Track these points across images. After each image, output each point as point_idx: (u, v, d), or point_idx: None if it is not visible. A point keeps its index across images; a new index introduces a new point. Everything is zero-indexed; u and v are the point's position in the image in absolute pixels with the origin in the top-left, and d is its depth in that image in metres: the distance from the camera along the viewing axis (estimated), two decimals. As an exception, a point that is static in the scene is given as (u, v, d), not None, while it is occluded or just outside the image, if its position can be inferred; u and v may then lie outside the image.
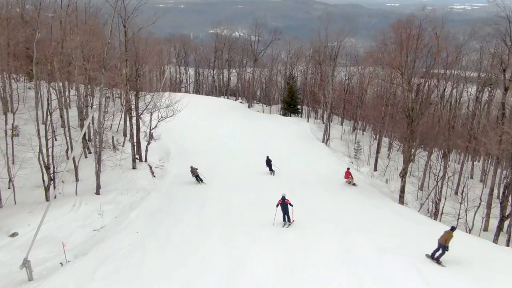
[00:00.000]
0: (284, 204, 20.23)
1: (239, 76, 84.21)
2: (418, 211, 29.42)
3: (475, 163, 44.58)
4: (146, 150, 30.59)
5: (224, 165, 33.26)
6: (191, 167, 28.83)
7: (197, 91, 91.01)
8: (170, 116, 30.78)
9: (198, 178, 28.58)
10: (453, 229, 16.51)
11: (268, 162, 31.84)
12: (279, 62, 77.17)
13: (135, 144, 28.66)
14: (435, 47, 27.68)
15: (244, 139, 43.26)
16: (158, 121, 31.03)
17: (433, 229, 20.49)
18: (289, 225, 20.25)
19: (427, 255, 16.65)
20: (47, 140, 21.50)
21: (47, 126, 21.50)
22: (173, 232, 20.02)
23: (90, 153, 31.31)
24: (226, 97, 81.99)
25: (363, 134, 53.32)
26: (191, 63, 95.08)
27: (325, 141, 44.58)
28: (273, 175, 31.40)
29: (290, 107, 60.66)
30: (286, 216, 20.32)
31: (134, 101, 29.21)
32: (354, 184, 30.32)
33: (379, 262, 16.26)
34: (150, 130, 31.03)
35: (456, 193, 36.13)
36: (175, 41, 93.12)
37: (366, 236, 19.06)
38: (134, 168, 28.93)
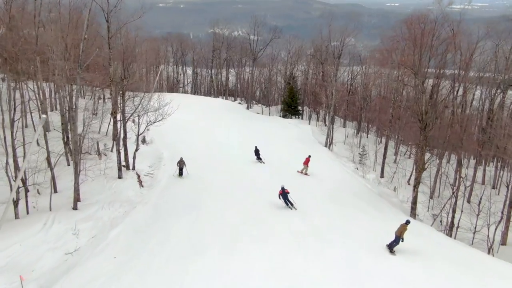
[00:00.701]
0: (284, 194, 22.99)
1: (238, 76, 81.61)
2: (431, 225, 26.87)
3: (486, 168, 42.10)
4: (134, 157, 27.99)
5: (219, 173, 30.67)
6: (181, 158, 29.73)
7: (195, 91, 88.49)
8: (159, 120, 28.10)
9: (181, 171, 29.52)
10: (407, 222, 18.24)
11: (257, 152, 34.22)
12: (279, 62, 74.67)
13: (120, 150, 25.98)
14: (451, 45, 25.07)
15: (243, 143, 40.61)
16: (147, 126, 28.42)
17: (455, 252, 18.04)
18: (295, 209, 22.73)
19: (387, 246, 18.25)
20: (14, 148, 18.91)
21: (14, 134, 18.82)
22: (158, 254, 17.43)
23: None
24: (224, 97, 79.41)
25: (367, 137, 50.76)
26: (189, 63, 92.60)
27: (328, 145, 42.00)
28: (263, 163, 33.40)
29: (291, 109, 58.01)
30: (288, 202, 22.95)
31: (120, 103, 26.52)
32: (306, 174, 31.08)
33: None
34: (138, 135, 28.39)
35: (468, 201, 33.52)
36: (172, 40, 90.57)
37: (381, 265, 16.41)
38: (119, 177, 26.33)
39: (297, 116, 59.33)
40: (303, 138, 43.84)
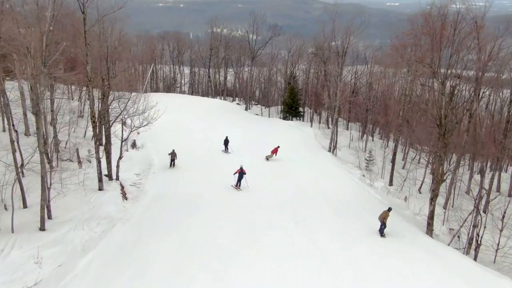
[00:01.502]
0: (241, 173, 26.06)
1: (237, 75, 78.65)
2: (449, 244, 23.89)
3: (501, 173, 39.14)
4: (117, 166, 25.05)
5: (212, 182, 27.79)
6: (173, 150, 31.46)
7: (193, 91, 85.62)
8: (144, 125, 25.18)
9: (173, 163, 31.53)
10: (389, 209, 21.04)
11: (226, 142, 35.97)
12: (279, 61, 71.78)
13: (100, 159, 23.05)
14: (474, 41, 22.15)
15: (240, 147, 37.76)
16: (131, 131, 25.50)
17: None
18: (240, 190, 25.95)
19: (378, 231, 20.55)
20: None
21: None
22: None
23: (52, 168, 25.86)
24: (222, 98, 76.49)
25: (372, 140, 47.84)
26: (186, 62, 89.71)
27: (331, 149, 39.08)
28: (229, 152, 35.40)
29: (291, 110, 55.02)
30: (239, 182, 26.12)
31: (100, 106, 23.62)
32: (268, 159, 34.03)
33: None
34: (122, 141, 25.45)
35: (484, 211, 30.57)
36: (169, 38, 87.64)
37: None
38: (100, 189, 23.39)
39: (298, 118, 56.41)
40: (306, 142, 40.88)
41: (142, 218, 21.54)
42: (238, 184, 26.06)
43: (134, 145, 37.64)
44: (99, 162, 22.77)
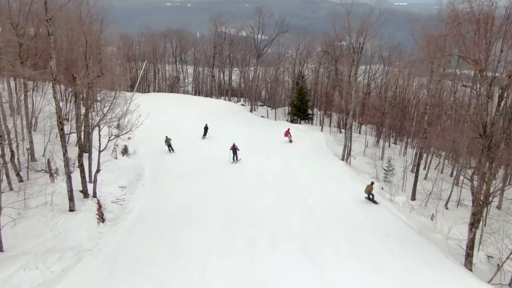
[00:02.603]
0: (234, 149, 30.98)
1: (242, 74, 74.61)
2: (489, 282, 19.57)
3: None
4: (95, 181, 21.07)
5: (209, 197, 23.83)
6: (166, 137, 33.49)
7: (197, 91, 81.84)
8: (124, 134, 21.25)
9: (170, 148, 33.56)
10: (372, 183, 26.10)
11: (205, 129, 38.42)
12: (287, 60, 67.66)
13: (70, 175, 19.08)
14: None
15: (243, 155, 33.74)
16: (109, 140, 21.51)
17: None
18: (237, 161, 30.97)
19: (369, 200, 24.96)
20: None
21: None
22: None
23: (21, 181, 22.06)
24: (226, 98, 72.53)
25: (389, 146, 43.44)
26: (190, 61, 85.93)
27: (345, 158, 34.84)
28: (206, 138, 38.15)
29: (300, 112, 50.74)
30: (235, 156, 31.08)
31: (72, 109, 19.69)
32: (291, 141, 37.81)
33: None
34: (100, 151, 21.46)
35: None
36: (172, 36, 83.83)
37: None
38: (71, 210, 19.42)
39: (307, 121, 52.14)
40: (316, 149, 36.56)
41: (118, 247, 17.58)
42: (234, 158, 31.22)
43: (125, 151, 33.84)
44: (68, 178, 18.81)
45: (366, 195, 25.22)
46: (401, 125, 43.83)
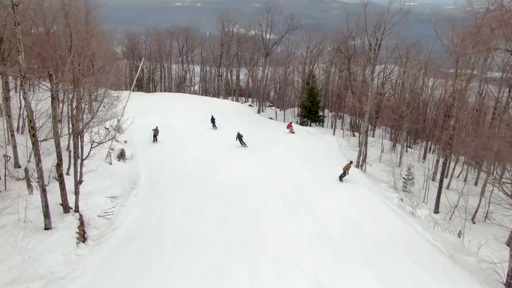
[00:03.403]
0: (240, 137, 34.22)
1: (250, 74, 71.85)
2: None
3: None
4: (77, 193, 18.43)
5: (208, 216, 21.08)
6: (156, 127, 34.60)
7: (205, 91, 79.44)
8: (105, 142, 18.63)
9: (155, 138, 34.42)
10: (351, 162, 28.30)
11: (212, 120, 39.71)
12: (296, 59, 64.79)
13: (45, 188, 16.45)
14: None
15: (248, 161, 31.01)
16: (91, 148, 18.85)
17: None
18: (247, 147, 33.94)
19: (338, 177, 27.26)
20: None
21: None
22: None
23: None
24: (234, 98, 69.86)
25: (406, 151, 40.27)
26: (197, 61, 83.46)
27: (359, 165, 31.92)
28: (216, 128, 39.41)
29: (311, 114, 47.72)
30: (243, 142, 34.12)
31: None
32: (293, 132, 39.80)
33: None
34: (82, 160, 18.79)
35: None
36: (178, 34, 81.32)
37: None
38: (47, 228, 16.78)
39: (317, 123, 49.14)
40: (328, 155, 33.63)
41: (97, 276, 14.93)
42: (242, 144, 34.00)
43: (121, 155, 31.31)
44: (43, 191, 16.19)
45: (343, 173, 27.47)
46: (419, 129, 40.66)
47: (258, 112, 56.06)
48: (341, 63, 47.72)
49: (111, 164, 28.88)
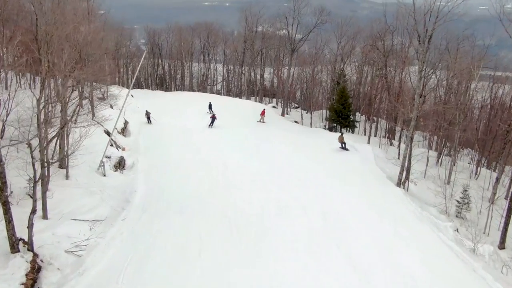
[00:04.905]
0: (213, 118, 36.55)
1: (275, 73, 66.70)
2: None
3: None
4: (30, 226, 13.72)
5: (209, 258, 16.10)
6: (146, 111, 35.72)
7: (228, 91, 75.16)
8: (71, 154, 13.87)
9: (149, 120, 35.78)
10: (342, 133, 32.11)
11: (210, 107, 41.53)
12: (325, 57, 59.33)
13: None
14: None
15: (268, 177, 25.79)
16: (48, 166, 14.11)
17: None
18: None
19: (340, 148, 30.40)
20: None
21: None
22: None
23: None
24: (257, 98, 64.94)
25: (455, 164, 34.08)
26: (220, 59, 79.11)
27: (402, 182, 26.27)
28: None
29: (341, 119, 42.00)
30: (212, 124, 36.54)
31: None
32: (263, 122, 40.25)
33: None
34: (35, 181, 14.08)
35: None
36: (200, 30, 77.01)
37: None
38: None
39: (349, 129, 43.40)
40: (363, 170, 27.82)
41: None
42: (211, 125, 36.34)
43: (119, 165, 26.91)
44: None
45: (340, 145, 30.44)
46: (469, 138, 34.55)
47: (282, 114, 50.73)
48: (378, 60, 41.95)
49: (104, 175, 24.51)
